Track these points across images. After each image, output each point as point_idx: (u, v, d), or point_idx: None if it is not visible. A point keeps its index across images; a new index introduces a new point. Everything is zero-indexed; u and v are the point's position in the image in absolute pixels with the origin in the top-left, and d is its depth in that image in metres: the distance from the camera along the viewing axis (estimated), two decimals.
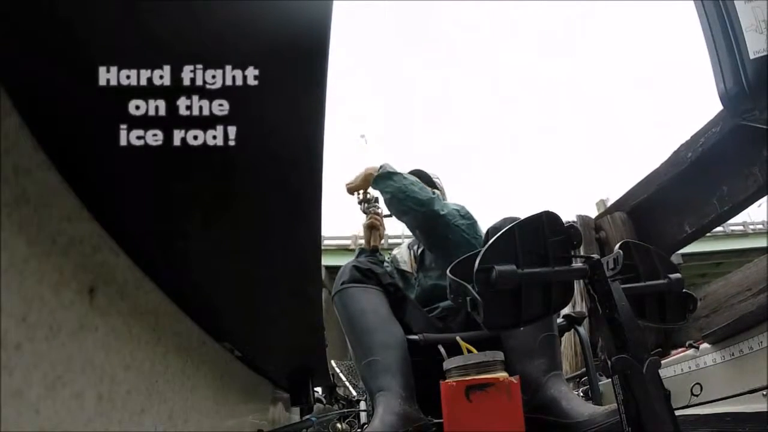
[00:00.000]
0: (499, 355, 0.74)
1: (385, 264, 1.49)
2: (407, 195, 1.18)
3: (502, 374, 0.72)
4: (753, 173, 1.28)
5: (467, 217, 1.22)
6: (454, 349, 0.78)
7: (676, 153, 1.56)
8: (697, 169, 1.46)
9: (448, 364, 0.75)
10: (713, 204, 1.44)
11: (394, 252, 1.56)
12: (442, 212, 1.17)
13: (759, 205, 1.41)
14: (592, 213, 2.05)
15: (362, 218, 1.47)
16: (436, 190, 1.40)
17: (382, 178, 1.23)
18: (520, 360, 0.95)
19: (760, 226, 8.00)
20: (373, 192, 1.39)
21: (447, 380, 0.73)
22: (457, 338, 0.80)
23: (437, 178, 1.52)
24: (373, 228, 1.43)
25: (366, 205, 1.43)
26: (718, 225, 1.58)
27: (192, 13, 0.26)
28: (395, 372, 0.97)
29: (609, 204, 2.13)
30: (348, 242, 7.26)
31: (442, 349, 0.82)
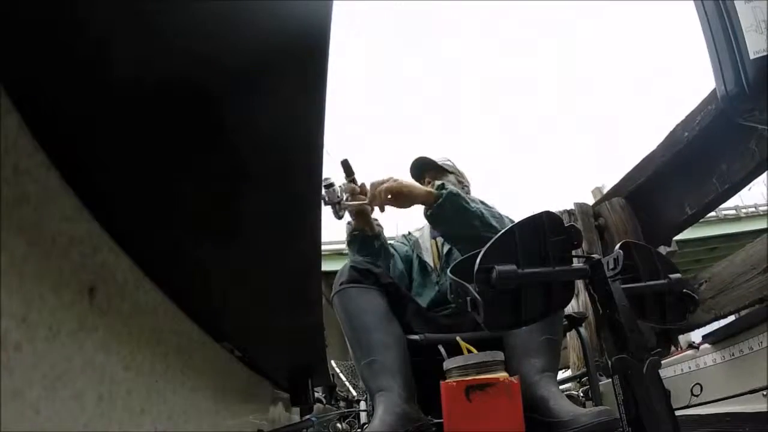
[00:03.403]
0: (499, 355, 0.74)
1: (404, 246, 1.39)
2: (485, 224, 1.06)
3: (502, 374, 0.72)
4: (751, 149, 1.25)
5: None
6: (455, 349, 0.78)
7: (672, 133, 1.51)
8: (695, 148, 1.42)
9: (449, 364, 0.75)
10: (713, 183, 1.40)
11: (416, 234, 1.41)
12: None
13: (749, 188, 1.40)
14: (589, 201, 2.01)
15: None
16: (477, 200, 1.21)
17: (455, 204, 1.07)
18: (518, 359, 0.95)
19: (752, 210, 7.96)
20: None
21: (447, 380, 0.73)
22: (457, 338, 0.80)
23: (448, 160, 1.39)
24: (364, 213, 1.18)
25: (338, 207, 1.08)
26: (720, 204, 1.52)
27: (193, 13, 0.26)
28: (395, 372, 0.97)
29: (605, 191, 2.09)
30: (343, 246, 7.19)
31: (442, 349, 0.82)
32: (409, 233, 1.45)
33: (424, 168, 1.39)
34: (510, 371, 0.75)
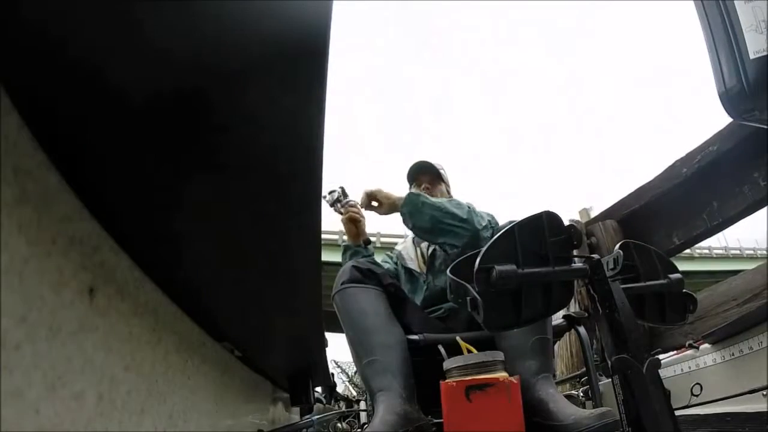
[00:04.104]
0: (499, 355, 0.74)
1: (387, 264, 1.44)
2: (446, 213, 1.16)
3: (502, 374, 0.72)
4: (743, 192, 1.39)
5: (496, 228, 1.20)
6: (455, 349, 0.78)
7: (671, 168, 1.64)
8: (691, 184, 1.56)
9: (448, 364, 0.75)
10: (703, 219, 1.55)
11: (398, 248, 1.48)
12: (480, 226, 1.16)
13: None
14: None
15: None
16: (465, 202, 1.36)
17: (414, 201, 1.19)
18: (512, 361, 0.95)
19: (737, 252, 8.84)
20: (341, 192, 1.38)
21: (447, 380, 0.73)
22: (457, 338, 0.80)
23: (442, 168, 1.47)
24: (355, 221, 1.38)
25: (339, 204, 1.39)
26: (706, 239, 1.68)
27: (191, 14, 0.26)
28: (395, 372, 0.97)
29: (591, 213, 2.24)
30: (335, 237, 7.16)
31: (442, 349, 0.82)
32: (393, 249, 1.52)
33: (420, 171, 1.44)
34: None
